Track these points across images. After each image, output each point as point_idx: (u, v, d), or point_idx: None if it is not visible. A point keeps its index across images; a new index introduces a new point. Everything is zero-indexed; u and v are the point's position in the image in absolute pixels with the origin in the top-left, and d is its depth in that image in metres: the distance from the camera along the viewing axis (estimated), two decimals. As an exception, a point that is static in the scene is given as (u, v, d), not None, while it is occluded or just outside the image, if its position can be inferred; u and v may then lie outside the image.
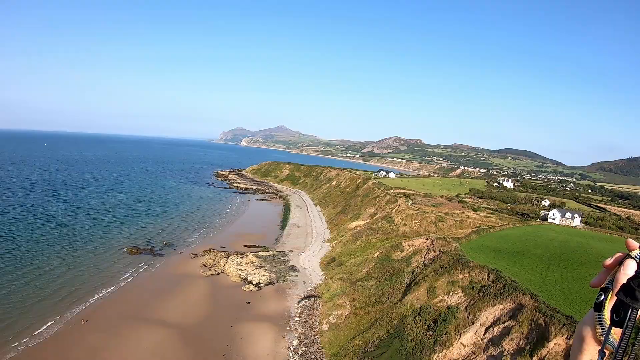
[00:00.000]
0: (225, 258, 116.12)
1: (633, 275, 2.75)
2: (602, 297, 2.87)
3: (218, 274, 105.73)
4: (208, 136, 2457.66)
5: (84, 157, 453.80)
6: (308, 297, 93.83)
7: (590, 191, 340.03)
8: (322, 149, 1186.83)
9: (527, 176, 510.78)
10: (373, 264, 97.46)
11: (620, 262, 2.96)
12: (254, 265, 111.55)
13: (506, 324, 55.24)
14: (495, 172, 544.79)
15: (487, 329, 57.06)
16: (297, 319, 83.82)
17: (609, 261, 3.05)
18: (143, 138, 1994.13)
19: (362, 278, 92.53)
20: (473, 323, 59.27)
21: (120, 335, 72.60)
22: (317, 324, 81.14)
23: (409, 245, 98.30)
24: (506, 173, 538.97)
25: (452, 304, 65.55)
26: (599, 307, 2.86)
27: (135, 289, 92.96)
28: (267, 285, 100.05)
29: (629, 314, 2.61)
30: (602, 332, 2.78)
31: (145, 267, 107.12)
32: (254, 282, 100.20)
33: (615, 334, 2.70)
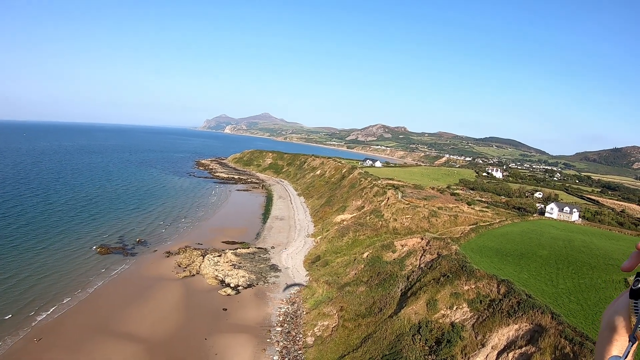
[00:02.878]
0: (201, 257, 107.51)
1: None
2: None
3: (193, 275, 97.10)
4: (192, 124, 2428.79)
5: (63, 147, 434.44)
6: (291, 302, 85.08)
7: (577, 181, 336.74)
8: (306, 136, 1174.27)
9: (512, 165, 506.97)
10: (362, 266, 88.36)
11: None
12: (232, 265, 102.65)
13: (524, 349, 46.53)
14: (480, 161, 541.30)
15: (499, 354, 48.36)
16: (279, 329, 75.12)
17: None
18: (126, 127, 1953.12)
19: (350, 282, 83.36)
20: (483, 345, 50.51)
21: (81, 353, 63.89)
22: (301, 335, 72.38)
23: (402, 245, 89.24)
24: (492, 162, 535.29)
25: (457, 320, 56.61)
26: (636, 294, 2.57)
27: (101, 297, 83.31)
28: (246, 288, 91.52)
29: None
30: None
31: (115, 269, 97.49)
32: (231, 285, 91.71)
33: None
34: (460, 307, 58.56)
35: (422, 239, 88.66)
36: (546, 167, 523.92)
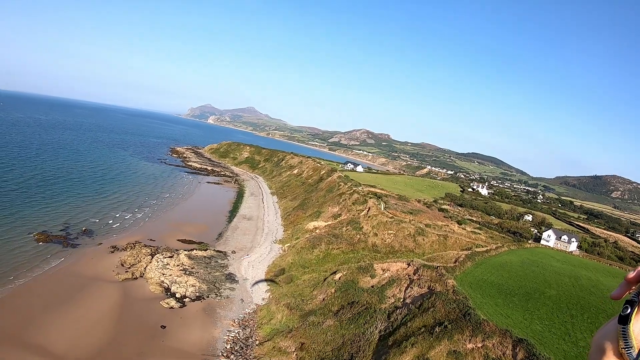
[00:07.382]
0: (150, 256, 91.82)
1: None
2: (629, 310, 2.69)
3: (135, 278, 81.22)
4: (176, 110, 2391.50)
5: (37, 120, 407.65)
6: (243, 326, 69.67)
7: (560, 205, 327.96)
8: (288, 134, 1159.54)
9: (493, 182, 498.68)
10: (333, 290, 72.69)
11: None
12: (183, 270, 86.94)
13: None
14: (462, 176, 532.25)
15: None
16: (224, 361, 59.61)
17: (632, 274, 2.95)
18: (108, 106, 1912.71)
19: (317, 310, 67.63)
20: None
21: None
22: (250, 376, 56.95)
23: (383, 270, 73.84)
24: (473, 177, 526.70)
25: (455, 391, 41.54)
26: (624, 320, 2.69)
27: (23, 296, 67.21)
28: (193, 300, 76.37)
29: None
30: (626, 346, 2.65)
31: (48, 262, 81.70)
32: (177, 295, 76.48)
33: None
34: (461, 372, 43.30)
35: (408, 264, 73.04)
36: (527, 188, 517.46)
